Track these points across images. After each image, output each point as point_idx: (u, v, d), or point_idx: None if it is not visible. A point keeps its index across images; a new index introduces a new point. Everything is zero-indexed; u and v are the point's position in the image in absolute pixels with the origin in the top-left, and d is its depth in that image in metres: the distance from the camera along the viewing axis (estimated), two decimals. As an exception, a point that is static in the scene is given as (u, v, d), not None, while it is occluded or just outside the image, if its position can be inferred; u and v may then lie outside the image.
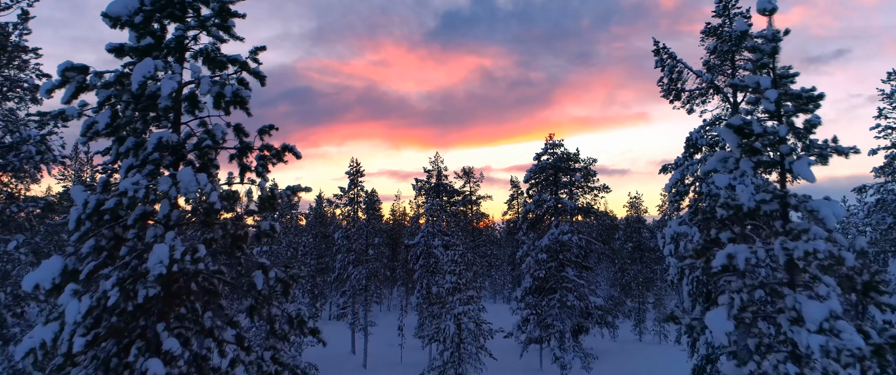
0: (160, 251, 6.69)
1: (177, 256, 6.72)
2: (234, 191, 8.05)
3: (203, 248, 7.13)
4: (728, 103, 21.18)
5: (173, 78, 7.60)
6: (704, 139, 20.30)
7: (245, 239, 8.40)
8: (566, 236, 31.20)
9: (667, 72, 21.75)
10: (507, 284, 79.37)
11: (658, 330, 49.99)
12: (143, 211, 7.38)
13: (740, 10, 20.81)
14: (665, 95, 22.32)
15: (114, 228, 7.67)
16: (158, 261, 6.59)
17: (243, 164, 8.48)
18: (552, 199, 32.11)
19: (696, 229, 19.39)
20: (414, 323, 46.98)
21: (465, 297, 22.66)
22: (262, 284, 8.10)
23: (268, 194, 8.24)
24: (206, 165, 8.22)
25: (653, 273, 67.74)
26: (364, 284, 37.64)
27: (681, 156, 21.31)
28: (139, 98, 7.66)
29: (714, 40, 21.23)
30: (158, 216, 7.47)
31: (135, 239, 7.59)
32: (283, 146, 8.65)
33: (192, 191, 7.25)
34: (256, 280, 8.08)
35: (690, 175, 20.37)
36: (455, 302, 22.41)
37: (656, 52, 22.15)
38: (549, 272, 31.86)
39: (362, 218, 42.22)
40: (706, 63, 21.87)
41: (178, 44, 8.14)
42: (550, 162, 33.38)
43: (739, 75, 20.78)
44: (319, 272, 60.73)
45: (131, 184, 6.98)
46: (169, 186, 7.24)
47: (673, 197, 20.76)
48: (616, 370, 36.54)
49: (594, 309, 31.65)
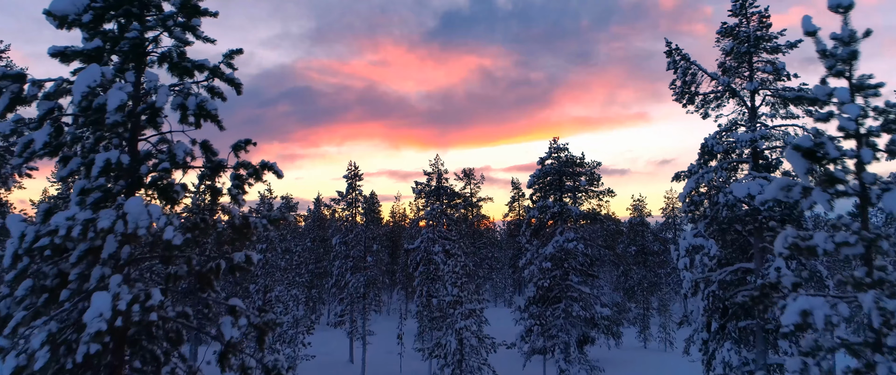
0: (100, 302, 5.57)
1: (122, 307, 5.62)
2: (203, 219, 6.93)
3: (158, 294, 6.02)
4: (745, 107, 20.05)
5: (124, 88, 6.47)
6: (721, 145, 19.15)
7: (215, 274, 7.28)
8: (571, 244, 30.07)
9: (680, 74, 20.62)
10: (508, 287, 78.24)
11: (663, 337, 48.86)
12: (87, 247, 6.28)
13: (758, 9, 19.67)
14: (678, 99, 21.19)
15: (58, 264, 6.57)
16: (97, 314, 5.48)
17: (213, 187, 7.35)
18: (556, 205, 30.97)
19: (712, 241, 18.26)
20: (414, 330, 45.86)
21: (466, 311, 21.57)
22: (231, 332, 6.98)
23: (241, 222, 7.13)
24: (166, 191, 7.06)
25: (656, 277, 66.63)
26: (362, 292, 36.51)
27: (695, 163, 20.16)
28: (86, 111, 6.55)
29: (730, 41, 20.10)
30: (104, 255, 6.35)
31: (78, 279, 6.49)
32: (262, 163, 7.52)
33: (143, 225, 6.13)
34: (224, 327, 6.96)
35: (706, 183, 19.23)
36: (457, 317, 21.31)
37: (668, 53, 21.02)
38: (554, 281, 30.74)
39: (361, 223, 41.07)
40: (721, 65, 20.74)
41: (134, 47, 6.99)
42: (555, 166, 32.25)
43: (758, 77, 19.66)
44: (318, 276, 59.61)
45: (65, 219, 5.86)
46: (111, 221, 6.10)
47: (687, 207, 19.61)
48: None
49: (600, 320, 30.52)
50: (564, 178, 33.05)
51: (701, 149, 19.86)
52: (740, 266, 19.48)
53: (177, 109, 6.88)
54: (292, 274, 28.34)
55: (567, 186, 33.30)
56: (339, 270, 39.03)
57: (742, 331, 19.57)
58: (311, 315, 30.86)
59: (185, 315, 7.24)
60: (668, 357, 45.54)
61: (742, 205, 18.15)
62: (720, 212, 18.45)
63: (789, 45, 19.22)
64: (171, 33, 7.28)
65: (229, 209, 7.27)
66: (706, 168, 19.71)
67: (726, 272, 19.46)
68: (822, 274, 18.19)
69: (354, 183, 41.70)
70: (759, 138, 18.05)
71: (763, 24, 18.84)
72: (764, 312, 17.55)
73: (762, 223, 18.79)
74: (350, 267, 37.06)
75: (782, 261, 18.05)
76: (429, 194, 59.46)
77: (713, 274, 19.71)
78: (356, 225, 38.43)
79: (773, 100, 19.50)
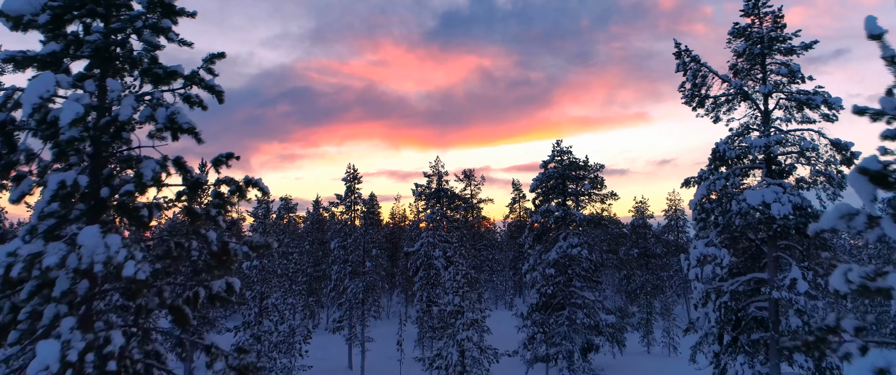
0: (46, 352, 4.82)
1: (72, 357, 4.88)
2: (176, 245, 6.19)
3: (119, 337, 5.29)
4: (758, 111, 19.31)
5: (81, 99, 5.73)
6: (733, 150, 18.40)
7: (192, 304, 6.53)
8: (575, 249, 29.33)
9: (690, 76, 19.87)
10: (508, 290, 77.46)
11: (667, 342, 48.06)
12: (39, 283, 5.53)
13: (771, 9, 18.92)
14: (687, 102, 20.45)
15: (11, 298, 5.83)
16: (43, 368, 4.73)
17: (190, 209, 6.58)
18: (560, 209, 30.22)
19: (725, 251, 17.52)
20: (413, 335, 45.11)
21: (468, 321, 20.83)
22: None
23: (220, 249, 6.39)
24: (133, 215, 6.28)
25: (659, 279, 65.83)
26: (361, 298, 35.75)
27: (706, 169, 19.42)
28: (41, 126, 5.80)
29: (742, 42, 19.35)
30: (56, 293, 5.59)
31: (29, 318, 5.73)
32: (246, 180, 6.78)
33: (99, 260, 5.36)
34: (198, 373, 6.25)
35: (717, 190, 18.49)
36: (458, 327, 20.58)
37: (677, 54, 20.27)
38: (557, 287, 30.01)
39: (359, 226, 40.28)
40: (733, 66, 19.99)
41: (97, 52, 6.22)
42: (558, 170, 31.50)
43: (771, 80, 18.91)
44: (316, 280, 58.84)
45: (5, 255, 5.11)
46: (60, 257, 5.33)
47: (698, 215, 18.86)
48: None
49: (605, 327, 29.78)
50: (567, 182, 32.32)
51: (712, 154, 19.13)
52: (753, 276, 18.75)
53: (146, 122, 6.13)
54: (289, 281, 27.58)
55: (570, 190, 32.58)
56: (337, 275, 38.28)
57: (755, 343, 18.86)
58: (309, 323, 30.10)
59: (157, 355, 6.50)
60: (673, 362, 44.78)
61: (755, 213, 17.42)
62: (733, 221, 17.71)
63: (804, 47, 18.47)
64: (140, 36, 6.51)
65: (205, 234, 6.52)
66: (717, 174, 18.97)
67: (739, 282, 18.73)
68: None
69: (353, 185, 40.94)
70: (774, 144, 17.30)
71: (777, 25, 18.09)
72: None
73: (777, 232, 18.06)
74: (349, 273, 36.31)
75: (798, 271, 17.36)
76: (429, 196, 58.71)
77: (725, 285, 18.99)
78: (355, 229, 37.68)
79: (788, 104, 18.75)
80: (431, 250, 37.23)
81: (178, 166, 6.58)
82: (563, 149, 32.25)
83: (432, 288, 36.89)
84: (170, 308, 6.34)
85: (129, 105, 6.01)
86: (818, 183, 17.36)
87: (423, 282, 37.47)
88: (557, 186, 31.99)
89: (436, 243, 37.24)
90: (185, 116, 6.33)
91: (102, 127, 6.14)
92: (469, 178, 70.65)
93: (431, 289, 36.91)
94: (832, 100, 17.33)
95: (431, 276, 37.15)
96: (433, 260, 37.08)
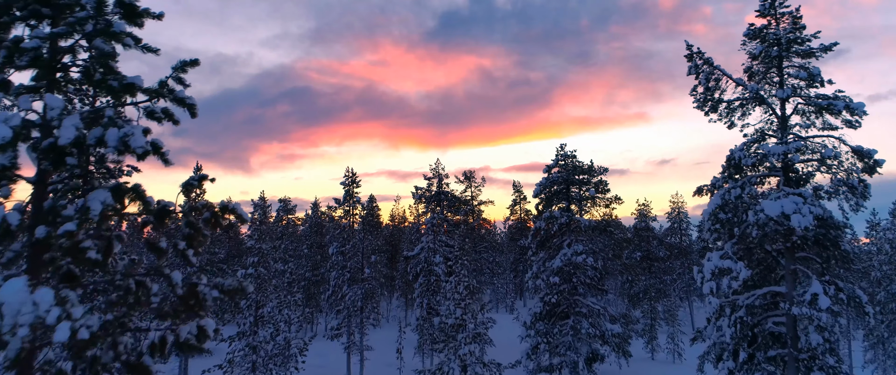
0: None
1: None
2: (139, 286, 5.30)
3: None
4: (774, 116, 18.43)
5: (10, 119, 4.83)
6: (750, 158, 17.52)
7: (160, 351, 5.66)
8: (580, 257, 28.46)
9: (703, 80, 19.00)
10: (510, 293, 76.55)
11: (672, 348, 47.17)
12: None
13: (788, 9, 18.05)
14: (699, 106, 19.58)
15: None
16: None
17: (155, 246, 5.65)
18: (565, 216, 29.35)
19: (741, 264, 16.64)
20: (413, 342, 44.24)
21: (470, 335, 19.97)
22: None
23: (187, 292, 5.52)
24: (81, 256, 5.34)
25: (662, 283, 64.93)
26: (360, 305, 34.87)
27: (719, 177, 18.56)
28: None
29: (758, 43, 18.47)
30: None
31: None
32: (222, 205, 5.91)
33: (25, 321, 4.46)
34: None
35: (732, 199, 17.60)
36: (461, 341, 19.73)
37: (689, 57, 19.41)
38: (562, 296, 29.14)
39: (358, 231, 39.38)
40: (747, 69, 19.12)
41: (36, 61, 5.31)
42: (562, 175, 30.63)
43: (789, 84, 18.03)
44: (315, 284, 57.98)
45: None
46: None
47: (712, 226, 17.99)
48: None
49: (611, 337, 28.91)
50: (572, 187, 31.47)
51: (726, 161, 18.25)
52: (769, 289, 17.88)
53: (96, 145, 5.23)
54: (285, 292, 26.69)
55: (574, 195, 31.73)
56: (335, 281, 37.39)
57: (772, 360, 18.00)
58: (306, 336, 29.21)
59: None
60: (678, 369, 43.94)
61: (772, 224, 16.54)
62: (750, 232, 16.85)
63: (823, 49, 17.59)
64: (91, 42, 5.58)
65: (169, 275, 5.62)
66: (732, 182, 18.10)
67: (755, 296, 17.86)
68: (860, 299, 16.57)
69: (352, 189, 40.07)
70: (794, 151, 16.43)
71: (796, 26, 17.21)
72: (797, 341, 15.90)
73: (795, 244, 17.19)
74: (347, 280, 35.43)
75: (820, 286, 16.47)
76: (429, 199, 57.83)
77: (740, 298, 18.14)
78: (353, 234, 36.79)
79: (806, 109, 17.87)
80: (432, 256, 36.35)
81: (137, 195, 5.61)
82: (567, 153, 31.39)
83: (432, 295, 36.03)
84: (126, 364, 5.46)
85: (72, 126, 5.08)
86: (840, 192, 16.47)
87: (424, 289, 36.60)
88: (561, 191, 31.13)
89: (436, 249, 36.37)
90: (141, 139, 5.36)
91: (44, 151, 5.24)
92: (469, 180, 69.78)
93: (432, 296, 36.04)
94: (854, 106, 16.46)
95: (432, 283, 36.28)
96: (434, 266, 36.21)
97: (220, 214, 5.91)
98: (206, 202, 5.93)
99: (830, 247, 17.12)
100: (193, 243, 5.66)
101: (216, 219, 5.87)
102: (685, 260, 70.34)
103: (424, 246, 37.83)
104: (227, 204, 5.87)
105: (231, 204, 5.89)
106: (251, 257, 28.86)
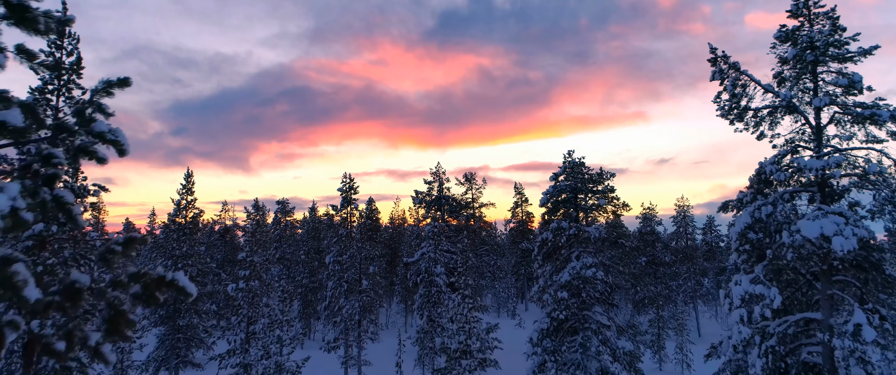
0: None
1: None
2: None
3: None
4: (807, 125, 16.89)
5: None
6: (782, 172, 15.97)
7: None
8: (590, 271, 26.91)
9: (728, 86, 17.46)
10: (512, 297, 75.01)
11: (681, 359, 45.68)
12: None
13: (824, 9, 16.51)
14: (723, 115, 18.04)
15: None
16: None
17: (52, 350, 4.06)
18: (573, 227, 27.81)
19: (775, 289, 15.10)
20: (413, 354, 42.73)
21: (474, 362, 18.46)
22: None
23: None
24: None
25: (668, 289, 63.41)
26: (357, 319, 33.33)
27: (747, 192, 17.02)
28: None
29: (790, 47, 16.92)
30: None
31: None
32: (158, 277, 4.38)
33: None
34: None
35: (763, 217, 16.06)
36: (465, 368, 18.22)
37: (713, 61, 17.87)
38: (570, 311, 27.60)
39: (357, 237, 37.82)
40: (777, 75, 17.58)
41: None
42: (570, 184, 29.10)
43: (824, 91, 16.49)
44: (312, 291, 56.42)
45: None
46: None
47: (740, 246, 16.46)
48: (642, 416, 32.22)
49: (621, 355, 27.38)
50: (579, 195, 29.93)
51: (756, 175, 16.71)
52: (803, 316, 16.35)
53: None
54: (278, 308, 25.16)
55: (582, 204, 30.19)
56: (332, 293, 35.85)
57: (805, 393, 16.49)
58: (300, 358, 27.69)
59: None
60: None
61: (809, 246, 15.01)
62: (784, 254, 15.30)
63: (862, 52, 16.03)
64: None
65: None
66: (762, 199, 16.56)
67: (788, 323, 16.32)
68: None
69: (349, 195, 38.52)
70: (834, 166, 14.88)
71: (836, 27, 15.65)
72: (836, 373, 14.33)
73: (833, 267, 15.67)
74: (344, 292, 33.88)
75: (863, 315, 14.92)
76: (429, 204, 56.33)
77: (771, 325, 16.61)
78: (351, 244, 35.24)
79: (843, 118, 16.33)
80: (433, 266, 34.81)
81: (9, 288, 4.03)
82: (574, 160, 29.84)
83: (433, 307, 34.51)
84: None
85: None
86: (885, 211, 14.94)
87: (425, 300, 35.07)
88: (569, 200, 29.58)
89: (437, 259, 34.82)
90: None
91: None
92: (470, 182, 68.31)
93: (433, 308, 34.53)
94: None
95: (433, 294, 34.76)
96: (435, 276, 34.68)
97: (156, 287, 4.41)
98: (136, 272, 4.41)
99: (871, 270, 15.58)
100: (115, 330, 4.15)
101: (149, 295, 4.37)
102: (691, 266, 68.84)
103: (425, 253, 36.30)
104: (163, 275, 4.36)
105: (171, 276, 4.37)
106: (242, 270, 27.34)
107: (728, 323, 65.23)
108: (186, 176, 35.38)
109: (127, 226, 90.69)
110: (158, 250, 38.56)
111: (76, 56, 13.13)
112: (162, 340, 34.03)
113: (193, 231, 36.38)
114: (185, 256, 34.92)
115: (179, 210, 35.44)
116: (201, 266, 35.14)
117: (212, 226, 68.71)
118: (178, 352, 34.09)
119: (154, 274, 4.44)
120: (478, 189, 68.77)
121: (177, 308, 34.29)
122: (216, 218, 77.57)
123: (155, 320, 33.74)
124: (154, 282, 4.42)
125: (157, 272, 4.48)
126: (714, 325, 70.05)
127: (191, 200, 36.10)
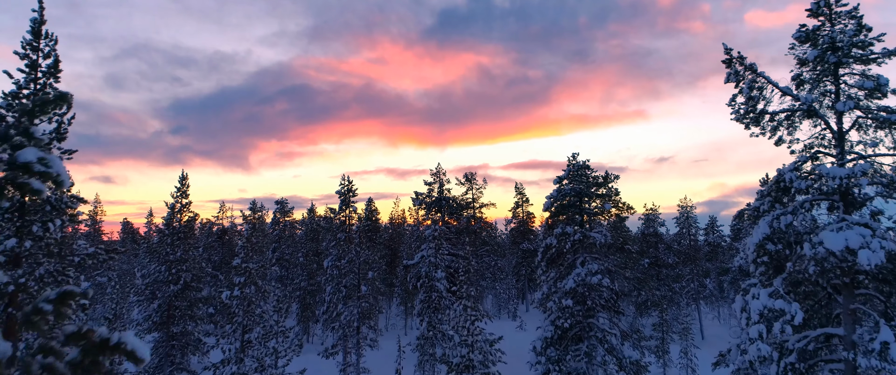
0: None
1: None
2: None
3: None
4: (828, 130, 16.05)
5: None
6: (803, 180, 15.14)
7: None
8: (595, 277, 26.10)
9: (744, 89, 16.61)
10: (512, 298, 74.19)
11: (685, 364, 44.86)
12: None
13: (846, 8, 15.66)
14: (739, 119, 17.19)
15: None
16: None
17: None
18: (578, 233, 26.98)
19: (796, 305, 14.28)
20: (413, 360, 41.91)
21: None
22: None
23: None
24: None
25: (671, 290, 62.61)
26: (356, 326, 32.51)
27: (764, 201, 16.17)
28: None
29: (810, 48, 16.07)
30: None
31: None
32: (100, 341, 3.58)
33: None
34: None
35: (782, 227, 15.23)
36: (467, 384, 17.44)
37: (728, 62, 17.01)
38: (575, 319, 26.80)
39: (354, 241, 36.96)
40: (796, 77, 16.74)
41: None
42: (574, 188, 28.26)
43: (846, 94, 15.66)
44: (310, 293, 55.61)
45: None
46: None
47: (757, 256, 15.64)
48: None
49: (628, 364, 26.58)
50: (584, 200, 29.12)
51: (774, 183, 15.87)
52: (824, 331, 15.55)
53: None
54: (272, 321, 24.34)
55: (586, 208, 29.38)
56: (330, 298, 35.02)
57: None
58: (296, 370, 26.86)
59: None
60: (693, 388, 41.68)
61: (833, 259, 14.18)
62: (805, 267, 14.49)
63: (887, 54, 15.19)
64: None
65: None
66: (780, 208, 15.73)
67: (808, 338, 15.52)
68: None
69: (348, 197, 37.66)
70: (860, 174, 14.05)
71: (861, 27, 14.80)
72: None
73: (857, 280, 14.85)
74: (343, 297, 33.06)
75: (890, 333, 14.10)
76: (430, 205, 55.47)
77: (791, 341, 15.82)
78: (349, 248, 34.39)
79: (866, 123, 15.49)
80: (433, 271, 33.97)
81: None
82: (579, 163, 29.01)
83: (434, 313, 33.70)
84: None
85: None
86: (914, 223, 14.11)
87: (425, 306, 34.25)
88: (573, 205, 28.77)
89: (438, 263, 33.97)
90: None
91: None
92: (470, 181, 67.49)
93: (433, 314, 33.71)
94: (931, 122, 14.08)
95: (433, 299, 33.94)
96: (435, 281, 33.85)
97: (99, 351, 3.60)
98: (75, 331, 3.58)
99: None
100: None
101: (91, 363, 3.56)
102: (694, 267, 68.05)
103: (425, 256, 35.50)
104: (107, 338, 3.54)
105: (117, 338, 3.55)
106: (238, 276, 26.50)
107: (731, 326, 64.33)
108: (181, 178, 34.54)
109: (125, 226, 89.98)
110: (152, 255, 37.63)
111: (54, 58, 12.30)
112: (155, 347, 33.22)
113: (188, 235, 35.54)
114: (180, 261, 34.10)
115: (174, 213, 34.60)
116: (196, 271, 34.31)
117: (209, 227, 67.83)
118: (173, 359, 33.29)
119: (96, 337, 3.60)
120: (478, 189, 67.97)
121: (171, 314, 33.49)
122: (214, 218, 76.73)
123: (148, 327, 32.93)
124: (96, 347, 3.58)
125: (100, 333, 3.65)
126: (717, 327, 69.21)
127: (185, 203, 35.25)
